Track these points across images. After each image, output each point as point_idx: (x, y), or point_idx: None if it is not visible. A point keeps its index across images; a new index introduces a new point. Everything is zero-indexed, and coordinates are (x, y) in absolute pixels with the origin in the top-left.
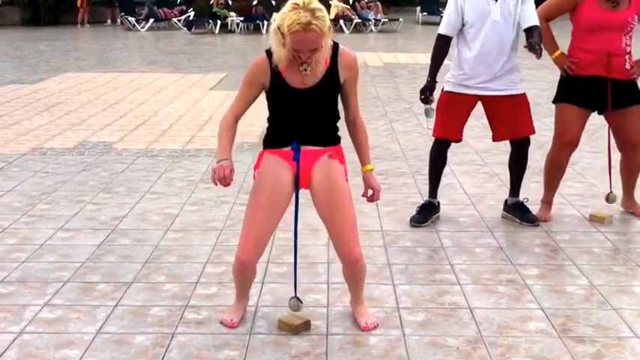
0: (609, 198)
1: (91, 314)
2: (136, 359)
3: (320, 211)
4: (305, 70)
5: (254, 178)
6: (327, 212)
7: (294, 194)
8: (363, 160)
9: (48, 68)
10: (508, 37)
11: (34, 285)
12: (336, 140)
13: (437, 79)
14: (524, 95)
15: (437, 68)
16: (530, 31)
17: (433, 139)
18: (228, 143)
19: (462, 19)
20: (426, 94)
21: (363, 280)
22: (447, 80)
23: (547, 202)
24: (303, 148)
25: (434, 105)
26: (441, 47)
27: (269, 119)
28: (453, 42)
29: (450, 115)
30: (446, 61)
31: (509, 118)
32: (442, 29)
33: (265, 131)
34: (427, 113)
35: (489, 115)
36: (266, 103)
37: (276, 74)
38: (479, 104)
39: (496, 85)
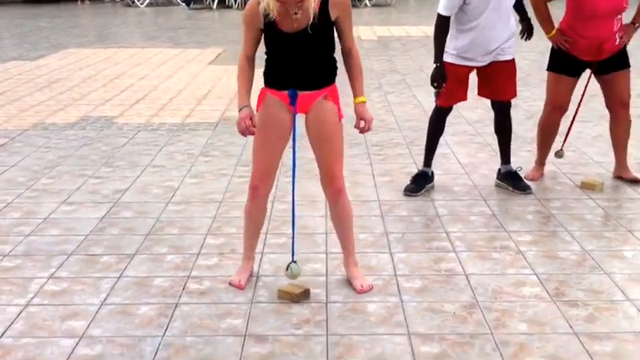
0: (558, 154)
1: (96, 286)
2: (140, 329)
3: (312, 145)
4: (295, 14)
5: (257, 110)
6: (317, 145)
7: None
8: (355, 91)
9: (49, 45)
10: (508, 13)
11: (38, 258)
12: (331, 79)
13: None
14: (513, 61)
15: (442, 49)
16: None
17: (429, 111)
18: (245, 88)
19: (464, 1)
20: (439, 81)
21: (352, 228)
22: (446, 51)
23: (540, 163)
24: (300, 93)
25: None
26: (442, 27)
27: (266, 59)
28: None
29: (453, 85)
30: None
31: (496, 81)
32: (442, 10)
33: (264, 66)
34: (436, 95)
35: (479, 75)
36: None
37: (267, 19)
38: None
39: (493, 56)
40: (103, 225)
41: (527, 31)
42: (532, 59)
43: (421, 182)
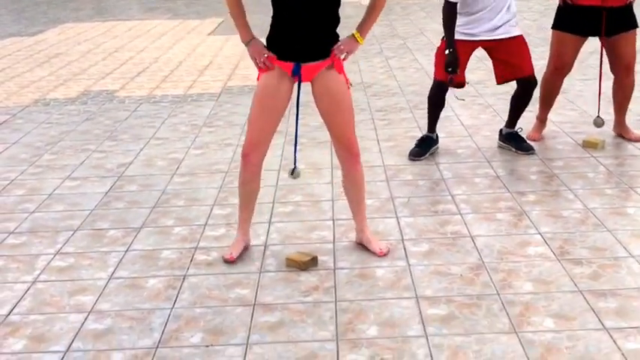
0: (596, 122)
1: (103, 260)
2: (149, 302)
3: (323, 116)
4: None
5: (257, 79)
6: (330, 116)
7: (283, 132)
8: (359, 26)
9: (46, 20)
10: None
11: (44, 234)
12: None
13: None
14: (521, 36)
15: (453, 35)
16: None
17: (431, 75)
18: (243, 21)
19: None
20: (453, 66)
21: (364, 192)
22: None
23: (541, 120)
24: (304, 65)
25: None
26: (451, 13)
27: (272, 19)
28: None
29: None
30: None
31: (510, 57)
32: None
33: (269, 28)
34: (451, 83)
35: (492, 57)
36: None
37: None
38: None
39: (497, 33)
40: (108, 199)
41: None
42: (532, 19)
43: (425, 146)
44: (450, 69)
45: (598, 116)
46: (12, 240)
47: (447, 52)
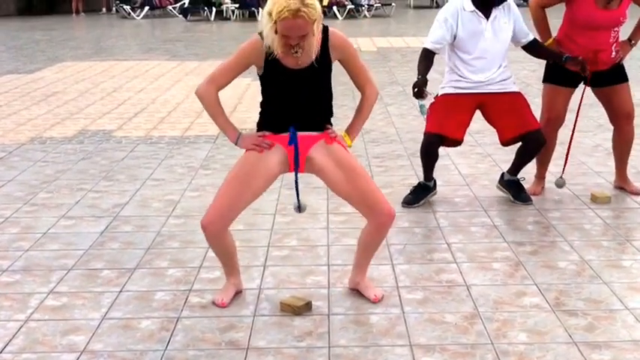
0: (558, 182)
1: (96, 300)
2: (142, 343)
3: (339, 187)
4: (296, 53)
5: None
6: (350, 185)
7: (279, 177)
8: (349, 127)
9: (45, 58)
10: (500, 50)
11: (38, 273)
12: (327, 121)
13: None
14: (520, 93)
15: (427, 69)
16: (533, 47)
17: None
18: (226, 118)
19: (454, 37)
20: (420, 88)
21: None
22: (442, 87)
23: (539, 177)
24: (299, 133)
25: (427, 101)
26: (427, 60)
27: (262, 104)
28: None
29: (446, 114)
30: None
31: (512, 111)
32: (429, 44)
33: (259, 116)
34: (421, 110)
35: (492, 115)
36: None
37: (269, 57)
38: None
39: (492, 86)
40: (102, 239)
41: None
42: (531, 69)
43: (420, 194)
44: (416, 90)
45: (561, 177)
46: (5, 278)
47: (417, 77)
